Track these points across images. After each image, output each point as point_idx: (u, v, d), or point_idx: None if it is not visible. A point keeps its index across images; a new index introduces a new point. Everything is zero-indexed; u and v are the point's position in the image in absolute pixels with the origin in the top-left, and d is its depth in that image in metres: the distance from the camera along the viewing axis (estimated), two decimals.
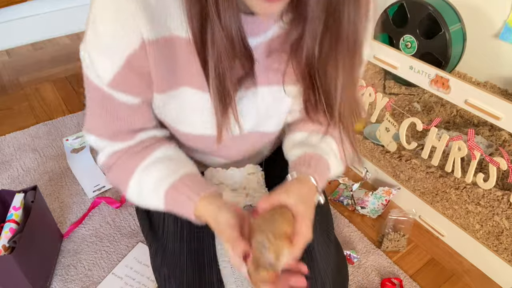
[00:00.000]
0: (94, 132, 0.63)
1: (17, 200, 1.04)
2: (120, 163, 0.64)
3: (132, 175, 0.63)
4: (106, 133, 0.62)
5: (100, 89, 0.57)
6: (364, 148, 1.45)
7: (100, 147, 0.65)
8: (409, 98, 1.72)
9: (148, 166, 0.63)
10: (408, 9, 1.56)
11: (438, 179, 1.26)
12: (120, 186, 0.66)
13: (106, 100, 0.58)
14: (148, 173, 0.63)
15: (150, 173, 0.63)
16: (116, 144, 0.64)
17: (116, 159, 0.64)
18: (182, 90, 0.59)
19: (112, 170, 0.66)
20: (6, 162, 1.49)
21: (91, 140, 0.65)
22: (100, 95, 0.58)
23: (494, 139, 1.43)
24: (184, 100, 0.60)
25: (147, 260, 1.14)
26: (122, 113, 0.60)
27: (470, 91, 1.03)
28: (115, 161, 0.65)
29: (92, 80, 0.57)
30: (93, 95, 0.59)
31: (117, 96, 0.58)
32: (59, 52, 2.29)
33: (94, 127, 0.63)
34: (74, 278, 1.10)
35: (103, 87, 0.57)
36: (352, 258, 1.14)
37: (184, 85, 0.59)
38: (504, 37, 1.62)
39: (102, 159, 0.66)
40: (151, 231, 0.79)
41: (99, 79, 0.56)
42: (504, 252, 1.10)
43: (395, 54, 1.19)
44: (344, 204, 1.32)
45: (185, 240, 0.73)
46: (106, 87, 0.57)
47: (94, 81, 0.57)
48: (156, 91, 0.59)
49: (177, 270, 0.70)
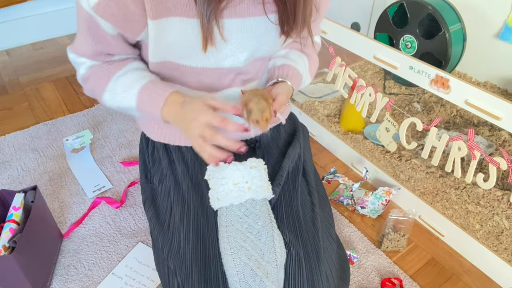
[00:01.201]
0: (78, 51, 0.74)
1: (17, 200, 1.04)
2: (98, 72, 0.74)
3: (109, 81, 0.74)
4: (89, 53, 0.73)
5: (87, 13, 0.65)
6: (364, 148, 1.45)
7: (78, 62, 0.75)
8: (409, 98, 1.72)
9: (124, 73, 0.74)
10: (408, 9, 1.56)
11: (438, 179, 1.26)
12: (96, 91, 0.76)
13: (90, 23, 0.67)
14: (123, 78, 0.73)
15: (125, 78, 0.73)
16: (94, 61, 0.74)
17: (94, 70, 0.75)
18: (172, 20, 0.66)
19: (90, 79, 0.76)
20: (6, 162, 1.49)
21: (71, 56, 0.75)
22: (86, 18, 0.66)
23: (494, 139, 1.43)
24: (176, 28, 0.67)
25: (147, 260, 1.14)
26: (103, 39, 0.69)
27: (470, 91, 1.03)
28: (93, 71, 0.74)
29: (82, 5, 0.65)
30: (81, 19, 0.68)
31: (100, 22, 0.66)
32: (59, 52, 2.29)
33: (79, 46, 0.73)
34: (74, 278, 1.10)
35: (90, 11, 0.64)
36: (352, 258, 1.14)
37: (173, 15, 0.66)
38: (504, 37, 1.62)
39: (82, 71, 0.76)
40: (158, 225, 0.80)
41: (87, 3, 0.64)
42: (504, 252, 1.10)
43: (395, 54, 1.19)
44: (344, 204, 1.32)
45: (191, 236, 0.74)
46: (92, 11, 0.64)
47: (84, 6, 0.65)
48: (150, 17, 0.65)
49: (182, 266, 0.71)
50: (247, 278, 0.62)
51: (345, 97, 1.39)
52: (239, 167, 0.70)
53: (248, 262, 0.64)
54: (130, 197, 1.35)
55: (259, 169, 0.72)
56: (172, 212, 0.79)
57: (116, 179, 1.42)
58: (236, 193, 0.70)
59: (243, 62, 0.77)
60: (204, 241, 0.73)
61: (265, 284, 0.62)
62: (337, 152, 1.55)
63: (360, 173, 1.46)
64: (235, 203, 0.70)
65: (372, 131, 1.51)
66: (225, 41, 0.71)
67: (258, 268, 0.63)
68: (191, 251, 0.72)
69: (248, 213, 0.70)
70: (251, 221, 0.68)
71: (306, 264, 0.69)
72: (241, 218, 0.69)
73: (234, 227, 0.68)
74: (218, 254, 0.71)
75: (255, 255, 0.65)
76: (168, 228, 0.78)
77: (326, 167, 1.51)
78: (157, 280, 1.09)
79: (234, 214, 0.70)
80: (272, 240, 0.67)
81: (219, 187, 0.70)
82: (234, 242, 0.66)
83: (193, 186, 0.80)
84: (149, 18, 0.64)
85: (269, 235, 0.67)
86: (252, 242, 0.66)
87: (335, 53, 1.35)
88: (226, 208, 0.71)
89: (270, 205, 0.76)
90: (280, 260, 0.66)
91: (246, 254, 0.65)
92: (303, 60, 0.87)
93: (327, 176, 1.37)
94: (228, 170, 0.70)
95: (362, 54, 1.31)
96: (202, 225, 0.75)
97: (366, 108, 1.30)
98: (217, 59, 0.74)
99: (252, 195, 0.70)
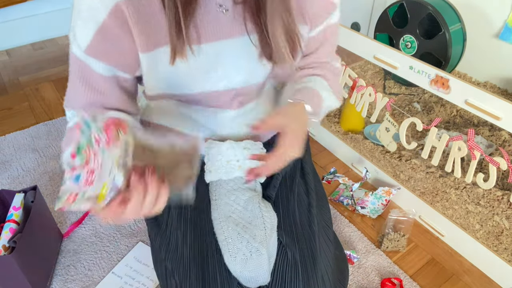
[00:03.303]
0: (71, 105, 0.68)
1: (17, 200, 1.04)
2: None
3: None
4: (81, 104, 0.66)
5: (80, 60, 0.63)
6: (364, 148, 1.45)
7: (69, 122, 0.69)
8: (409, 98, 1.72)
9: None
10: (408, 9, 1.56)
11: (438, 179, 1.26)
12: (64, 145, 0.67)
13: (83, 71, 0.64)
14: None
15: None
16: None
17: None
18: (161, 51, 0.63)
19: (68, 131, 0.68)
20: (6, 162, 1.49)
21: (68, 115, 0.70)
22: (79, 65, 0.63)
23: (494, 139, 1.43)
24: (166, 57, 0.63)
25: (146, 259, 1.14)
26: (96, 84, 0.64)
27: (470, 91, 1.03)
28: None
29: (74, 53, 0.63)
30: (74, 68, 0.65)
31: (93, 66, 0.63)
32: (59, 52, 2.29)
33: (71, 99, 0.68)
34: (74, 278, 1.10)
35: (81, 56, 0.62)
36: (352, 258, 1.14)
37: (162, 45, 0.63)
38: (504, 37, 1.62)
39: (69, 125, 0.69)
40: (156, 226, 0.80)
41: (79, 49, 0.62)
42: (504, 252, 1.10)
43: (395, 54, 1.19)
44: (344, 204, 1.32)
45: (189, 235, 0.74)
46: (84, 55, 0.62)
47: (76, 53, 0.63)
48: (141, 51, 0.62)
49: (180, 266, 0.71)
50: (235, 241, 0.67)
51: (345, 97, 1.39)
52: (233, 145, 0.74)
53: (235, 228, 0.68)
54: None
55: (251, 151, 0.76)
56: (170, 212, 0.79)
57: None
58: (226, 169, 0.74)
59: (237, 84, 0.73)
60: (201, 241, 0.73)
61: (252, 245, 0.66)
62: (337, 152, 1.55)
63: (360, 173, 1.46)
64: (224, 178, 0.75)
65: (372, 131, 1.51)
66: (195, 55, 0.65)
67: (245, 232, 0.68)
68: (188, 251, 0.72)
69: (236, 187, 0.74)
70: (239, 194, 0.73)
71: (302, 267, 0.70)
72: (229, 192, 0.74)
73: (222, 200, 0.73)
74: (216, 254, 0.71)
75: (242, 222, 0.70)
76: (165, 228, 0.78)
77: (326, 167, 1.51)
78: (157, 280, 1.09)
79: (222, 188, 0.74)
80: (259, 207, 0.71)
81: (214, 162, 0.75)
82: (223, 213, 0.71)
83: None
84: (139, 51, 0.63)
85: (255, 203, 0.72)
86: (240, 212, 0.71)
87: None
88: (216, 183, 0.76)
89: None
90: (269, 223, 0.70)
91: (233, 221, 0.69)
92: (320, 81, 0.78)
93: (327, 176, 1.37)
94: (223, 147, 0.74)
95: (362, 54, 1.31)
96: (200, 225, 0.75)
97: (366, 108, 1.30)
98: (210, 82, 0.70)
99: (240, 174, 0.74)
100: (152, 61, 0.64)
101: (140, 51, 0.63)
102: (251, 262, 0.66)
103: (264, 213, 0.71)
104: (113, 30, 0.60)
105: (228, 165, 0.74)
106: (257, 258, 0.66)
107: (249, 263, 0.66)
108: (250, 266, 0.66)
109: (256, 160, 0.69)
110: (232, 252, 0.66)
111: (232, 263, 0.66)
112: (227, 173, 0.74)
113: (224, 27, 0.65)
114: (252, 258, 0.66)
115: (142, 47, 0.62)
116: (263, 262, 0.66)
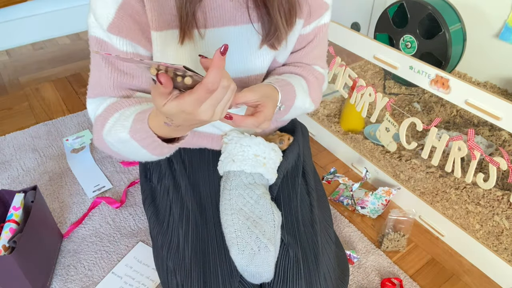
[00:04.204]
0: (97, 92, 0.67)
1: (17, 200, 1.04)
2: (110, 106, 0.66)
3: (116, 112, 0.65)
4: (108, 86, 0.66)
5: (103, 41, 0.63)
6: (364, 148, 1.45)
7: (96, 111, 0.68)
8: (409, 98, 1.72)
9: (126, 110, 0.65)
10: (408, 9, 1.56)
11: (438, 179, 1.26)
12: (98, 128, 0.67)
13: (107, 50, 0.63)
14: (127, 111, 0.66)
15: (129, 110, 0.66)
16: (111, 99, 0.67)
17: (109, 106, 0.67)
18: (172, 33, 0.65)
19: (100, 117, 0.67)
20: (6, 162, 1.49)
21: (91, 108, 0.68)
22: (102, 46, 0.63)
23: (494, 139, 1.43)
24: (176, 40, 0.65)
25: (147, 259, 1.14)
26: (122, 64, 0.65)
27: (470, 91, 1.03)
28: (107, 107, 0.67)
29: (95, 35, 0.63)
30: (97, 55, 0.64)
31: (116, 44, 0.63)
32: (59, 52, 2.29)
33: (96, 85, 0.67)
34: (74, 278, 1.10)
35: (104, 36, 0.62)
36: (352, 258, 1.14)
37: (173, 28, 0.64)
38: (504, 37, 1.62)
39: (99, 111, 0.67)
40: (158, 224, 0.80)
41: (101, 29, 0.61)
42: (504, 252, 1.10)
43: (395, 54, 1.19)
44: (344, 204, 1.32)
45: (190, 235, 0.74)
46: (107, 34, 0.62)
47: (97, 35, 0.62)
48: (152, 28, 0.63)
49: (182, 265, 0.71)
50: (244, 235, 0.67)
51: (345, 97, 1.39)
52: (264, 143, 0.77)
53: (245, 222, 0.68)
54: (130, 197, 1.35)
55: (276, 155, 0.78)
56: (172, 211, 0.79)
57: (116, 179, 1.42)
58: (253, 162, 0.75)
59: (238, 73, 0.74)
60: (203, 240, 0.73)
61: (261, 241, 0.66)
62: (337, 152, 1.55)
63: (360, 173, 1.46)
64: (247, 171, 0.75)
65: (372, 131, 1.51)
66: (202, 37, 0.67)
67: (255, 227, 0.68)
68: (190, 250, 0.72)
69: (252, 182, 0.75)
70: (253, 188, 0.74)
71: (304, 265, 0.70)
72: (246, 185, 0.74)
73: (237, 191, 0.73)
74: (217, 253, 0.71)
75: (253, 216, 0.70)
76: (167, 227, 0.78)
77: (326, 167, 1.51)
78: (157, 280, 1.09)
79: (240, 180, 0.75)
80: (270, 203, 0.72)
81: (238, 152, 0.76)
82: (235, 205, 0.71)
83: (190, 186, 0.80)
84: (151, 28, 0.64)
85: (267, 200, 0.73)
86: (251, 205, 0.72)
87: (335, 53, 1.35)
88: (235, 173, 0.76)
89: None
90: (278, 221, 0.71)
91: (244, 215, 0.70)
92: (299, 79, 0.79)
93: (327, 176, 1.37)
94: (255, 140, 0.76)
95: (362, 54, 1.31)
96: (201, 224, 0.75)
97: (366, 108, 1.30)
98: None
99: (263, 171, 0.76)
100: (162, 42, 0.65)
101: (151, 27, 0.64)
102: (258, 257, 0.66)
103: (274, 210, 0.71)
104: (134, 5, 0.61)
105: (255, 159, 0.76)
106: (265, 254, 0.66)
107: (256, 258, 0.66)
108: (257, 261, 0.66)
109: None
110: (240, 246, 0.66)
111: (239, 256, 0.66)
112: (252, 166, 0.75)
113: (229, 14, 0.68)
114: (260, 254, 0.66)
115: (153, 24, 0.63)
116: (270, 259, 0.66)
